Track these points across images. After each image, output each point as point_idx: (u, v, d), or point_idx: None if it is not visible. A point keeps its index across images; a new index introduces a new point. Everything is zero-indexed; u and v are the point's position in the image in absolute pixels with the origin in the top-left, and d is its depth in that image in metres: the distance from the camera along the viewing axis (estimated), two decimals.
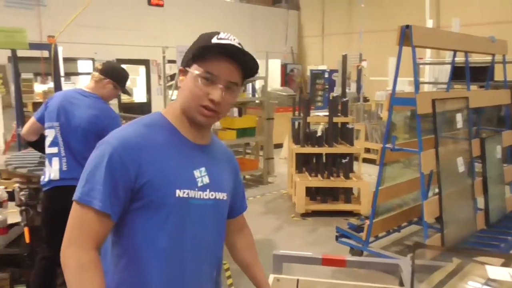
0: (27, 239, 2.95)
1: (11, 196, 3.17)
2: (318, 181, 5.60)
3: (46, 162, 2.78)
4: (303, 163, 5.92)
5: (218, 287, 1.44)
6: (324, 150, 5.72)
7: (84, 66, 11.29)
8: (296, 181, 5.59)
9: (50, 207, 2.75)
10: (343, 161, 5.67)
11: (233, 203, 1.47)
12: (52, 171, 2.70)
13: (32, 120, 2.91)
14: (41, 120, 2.84)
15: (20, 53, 4.78)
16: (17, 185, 3.13)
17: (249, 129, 6.89)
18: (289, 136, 6.57)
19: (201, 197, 1.27)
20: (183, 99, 1.27)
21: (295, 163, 5.95)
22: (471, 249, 3.27)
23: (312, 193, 5.74)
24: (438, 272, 1.61)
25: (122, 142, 1.19)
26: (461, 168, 3.82)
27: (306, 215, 5.53)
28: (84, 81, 10.84)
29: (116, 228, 1.23)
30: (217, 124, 7.38)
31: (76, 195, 1.17)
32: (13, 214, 3.26)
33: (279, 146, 8.98)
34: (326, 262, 1.92)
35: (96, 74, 2.81)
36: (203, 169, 1.29)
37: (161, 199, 1.20)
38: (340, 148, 5.73)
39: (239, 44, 1.25)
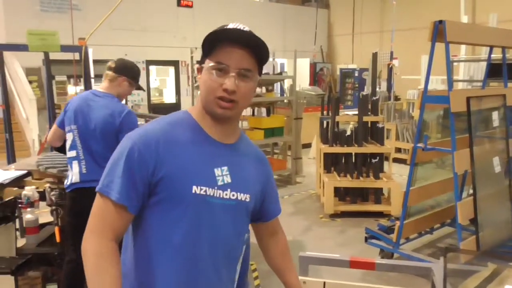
0: (58, 239, 3.00)
1: (43, 196, 3.24)
2: (347, 181, 5.50)
3: (68, 166, 2.81)
4: (332, 163, 5.83)
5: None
6: (354, 149, 5.61)
7: None
8: (325, 181, 5.51)
9: (72, 209, 2.77)
10: (373, 161, 5.55)
11: (265, 206, 1.45)
12: (73, 174, 2.73)
13: (54, 127, 2.94)
14: (61, 125, 2.86)
15: (54, 56, 4.90)
16: (48, 185, 3.19)
17: (277, 128, 6.83)
18: (318, 135, 6.49)
19: (221, 196, 1.25)
20: (202, 95, 1.27)
21: (323, 163, 5.86)
22: (508, 253, 3.13)
23: (341, 194, 5.65)
24: (473, 278, 1.53)
25: (142, 137, 1.21)
26: (498, 168, 3.67)
27: (334, 215, 5.45)
28: None
29: (135, 222, 1.24)
30: (245, 124, 7.39)
31: (98, 186, 1.20)
32: (45, 214, 3.33)
33: (307, 146, 8.89)
34: (354, 264, 1.86)
35: (110, 73, 2.80)
36: (225, 168, 1.27)
37: (177, 194, 1.20)
38: (370, 148, 5.61)
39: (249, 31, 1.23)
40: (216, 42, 1.22)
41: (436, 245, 4.52)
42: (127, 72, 2.83)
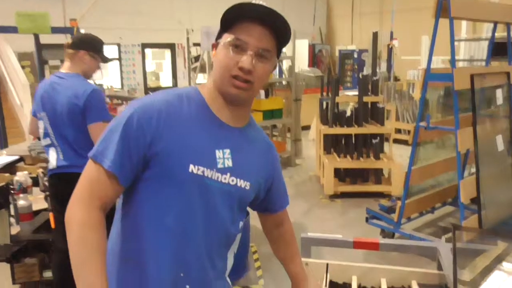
0: (52, 225, 2.93)
1: (36, 181, 3.16)
2: (347, 162, 5.45)
3: (46, 153, 2.69)
4: (332, 144, 5.77)
5: (239, 271, 1.35)
6: (354, 130, 5.54)
7: (109, 51, 11.35)
8: (325, 162, 5.46)
9: (54, 196, 2.69)
10: (373, 141, 5.49)
11: (272, 197, 1.39)
12: (51, 161, 2.62)
13: (30, 117, 2.80)
14: (35, 114, 2.71)
15: (46, 40, 4.78)
16: (40, 170, 3.12)
17: (276, 110, 6.75)
18: (317, 117, 6.42)
19: (220, 179, 1.17)
20: (215, 73, 1.18)
21: (323, 145, 5.80)
22: None
23: (341, 175, 5.60)
24: (482, 257, 1.47)
25: (144, 105, 1.14)
26: (501, 147, 3.61)
27: (335, 196, 5.41)
28: (111, 66, 10.91)
29: (126, 197, 1.17)
30: None
31: (91, 152, 1.13)
32: (39, 200, 3.26)
33: (306, 128, 8.82)
34: (358, 245, 1.81)
35: (69, 50, 2.61)
36: (227, 151, 1.19)
37: (172, 171, 1.12)
38: (370, 128, 5.54)
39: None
40: (237, 17, 1.13)
41: (437, 225, 4.49)
42: (86, 45, 2.63)
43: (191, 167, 1.13)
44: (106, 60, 2.78)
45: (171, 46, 12.09)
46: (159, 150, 1.11)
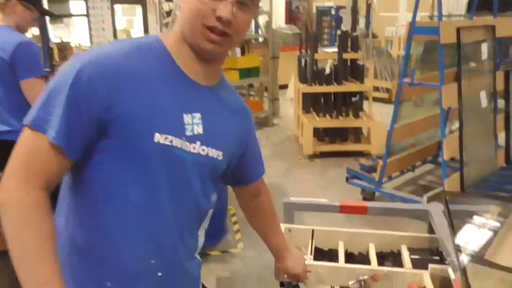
0: None
1: None
2: (326, 121, 5.33)
3: None
4: (311, 103, 5.62)
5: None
6: (333, 88, 5.39)
7: (76, 6, 10.73)
8: (304, 121, 5.32)
9: None
10: (353, 99, 5.36)
11: (246, 167, 1.23)
12: None
13: None
14: None
15: None
16: None
17: (253, 69, 6.51)
18: (295, 75, 6.23)
19: (189, 149, 0.99)
20: (183, 20, 0.96)
21: (301, 104, 5.66)
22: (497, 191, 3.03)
23: (320, 134, 5.49)
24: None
25: (97, 58, 0.91)
26: (484, 103, 3.53)
27: (313, 156, 5.32)
28: (78, 23, 10.36)
29: (76, 172, 0.96)
30: None
31: (27, 119, 0.90)
32: None
33: (284, 87, 8.62)
34: (345, 209, 1.69)
35: (0, 0, 2.32)
36: (197, 115, 1.00)
37: (136, 141, 0.93)
38: (349, 86, 5.40)
39: None
40: None
41: (417, 183, 4.46)
42: None
43: (157, 136, 0.94)
44: (46, 13, 2.51)
45: (142, 2, 11.50)
46: (117, 114, 0.90)
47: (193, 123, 0.99)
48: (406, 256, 1.61)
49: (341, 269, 1.55)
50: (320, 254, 1.69)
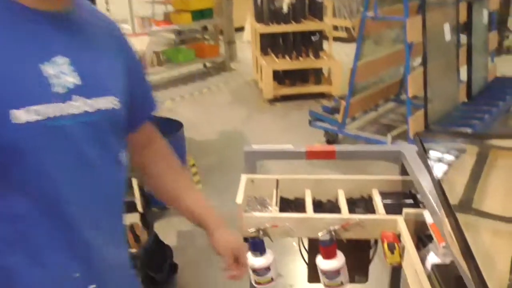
0: None
1: None
2: (286, 63, 5.12)
3: None
4: (269, 44, 5.35)
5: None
6: (291, 27, 5.13)
7: None
8: (262, 64, 5.09)
9: None
10: (313, 38, 5.14)
11: (132, 106, 0.89)
12: None
13: None
14: None
15: None
16: None
17: (206, 10, 6.12)
18: (252, 15, 5.90)
19: (68, 112, 0.72)
20: None
21: (259, 45, 5.39)
22: (484, 134, 2.93)
23: (280, 77, 5.29)
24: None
25: None
26: (448, 36, 3.40)
27: (274, 100, 5.14)
28: None
29: None
30: (169, 7, 6.56)
31: None
32: None
33: (240, 29, 8.25)
34: (311, 155, 1.53)
35: None
36: (62, 59, 0.72)
37: None
38: (308, 25, 5.15)
39: None
40: None
41: (380, 122, 4.39)
42: None
43: (15, 113, 0.66)
44: None
45: None
46: None
47: (60, 72, 0.71)
48: (378, 201, 1.49)
49: (310, 220, 1.41)
50: (286, 204, 1.55)
